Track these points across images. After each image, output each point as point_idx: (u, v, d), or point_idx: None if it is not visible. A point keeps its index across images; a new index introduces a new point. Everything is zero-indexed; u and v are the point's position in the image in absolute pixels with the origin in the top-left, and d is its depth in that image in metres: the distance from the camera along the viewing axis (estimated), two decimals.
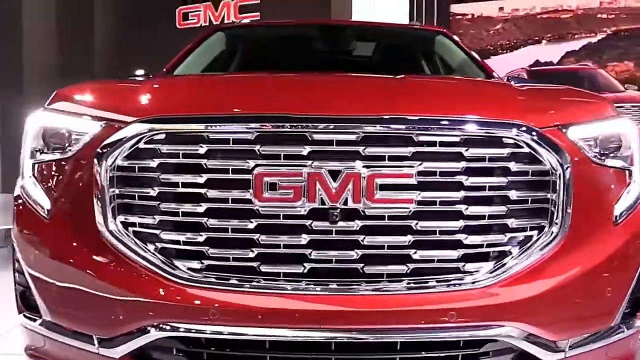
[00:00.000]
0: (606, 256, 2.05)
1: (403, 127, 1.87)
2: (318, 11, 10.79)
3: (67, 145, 2.08)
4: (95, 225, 1.95)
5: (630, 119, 2.28)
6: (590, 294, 2.03)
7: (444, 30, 4.37)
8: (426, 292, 1.88)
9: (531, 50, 9.03)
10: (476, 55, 3.92)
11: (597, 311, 2.07)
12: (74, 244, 2.02)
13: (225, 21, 12.06)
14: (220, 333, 1.87)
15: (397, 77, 2.34)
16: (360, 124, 1.85)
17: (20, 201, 2.19)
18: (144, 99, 2.11)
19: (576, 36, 8.92)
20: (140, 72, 3.62)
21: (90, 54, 12.96)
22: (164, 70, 3.66)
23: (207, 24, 12.34)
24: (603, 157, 2.10)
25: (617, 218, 2.09)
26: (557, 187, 1.94)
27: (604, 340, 2.07)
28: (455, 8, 9.27)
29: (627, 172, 2.15)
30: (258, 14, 11.89)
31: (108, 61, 12.97)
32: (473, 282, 1.89)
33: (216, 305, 1.87)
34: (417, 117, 1.88)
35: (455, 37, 4.22)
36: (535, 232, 1.96)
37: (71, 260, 2.00)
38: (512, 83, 3.15)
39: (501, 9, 9.25)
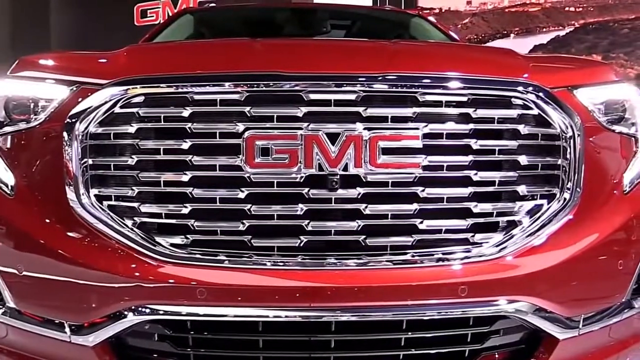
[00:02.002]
0: (617, 227, 1.94)
1: (406, 85, 1.72)
2: None
3: (32, 114, 1.88)
4: (66, 200, 1.76)
5: None
6: (602, 267, 1.92)
7: (420, 13, 4.29)
8: (434, 265, 1.73)
9: (499, 44, 9.02)
10: (456, 36, 3.82)
11: (608, 286, 1.96)
12: (42, 221, 1.82)
13: None
14: (207, 315, 1.70)
15: (392, 41, 2.19)
16: (359, 81, 1.70)
17: None
18: (119, 61, 1.92)
19: (544, 30, 8.96)
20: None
21: (46, 50, 12.66)
22: None
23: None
24: (611, 123, 1.99)
25: (627, 187, 1.99)
26: (568, 153, 1.83)
27: (616, 317, 1.96)
28: (422, 2, 9.21)
29: (633, 139, 2.05)
30: None
31: None
32: (483, 255, 1.75)
33: (202, 284, 1.69)
34: (420, 75, 1.74)
35: (432, 19, 4.13)
36: (545, 201, 1.83)
37: (39, 240, 1.80)
38: None
39: (469, 2, 9.26)
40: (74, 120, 1.75)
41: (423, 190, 1.72)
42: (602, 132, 1.94)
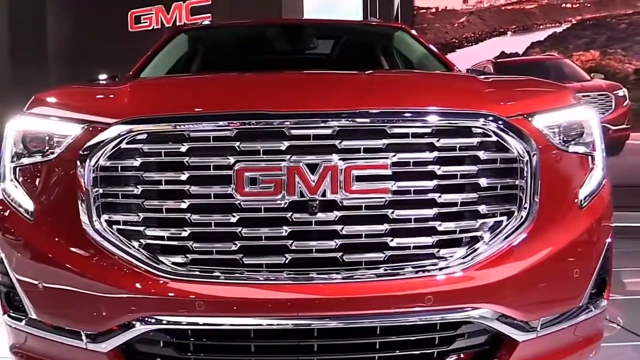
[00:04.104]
0: (573, 239, 2.15)
1: (376, 120, 1.94)
2: (269, 11, 10.92)
3: (48, 148, 2.12)
4: (80, 225, 2.00)
5: (596, 107, 2.39)
6: (559, 275, 2.13)
7: (403, 26, 4.47)
8: (403, 278, 1.96)
9: (496, 42, 9.13)
10: (436, 50, 4.01)
11: (565, 292, 2.17)
12: (60, 243, 2.07)
13: (177, 23, 12.17)
14: (206, 324, 1.94)
15: (366, 73, 2.42)
16: (335, 118, 1.92)
17: (1, 203, 2.23)
18: (124, 100, 2.16)
19: (541, 27, 9.05)
20: (103, 76, 3.65)
21: (43, 58, 12.98)
22: (130, 73, 3.70)
23: (159, 26, 12.43)
24: (567, 144, 2.20)
25: (582, 202, 2.19)
26: (525, 174, 2.03)
27: (573, 320, 2.18)
28: (419, 2, 9.34)
29: (589, 157, 2.26)
30: (209, 15, 11.97)
31: (60, 65, 12.98)
32: (447, 267, 1.98)
33: (201, 297, 1.93)
34: (389, 110, 1.96)
35: (414, 32, 4.31)
36: (505, 218, 2.04)
37: (58, 260, 2.05)
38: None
39: (465, 1, 9.34)
40: (86, 154, 1.98)
41: (393, 212, 1.95)
42: (557, 153, 2.15)
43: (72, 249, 2.04)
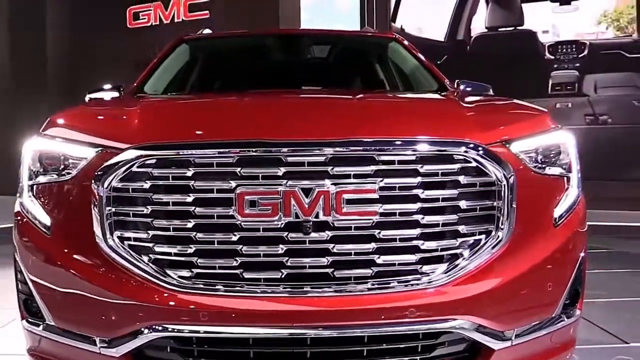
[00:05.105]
0: (547, 255, 2.34)
1: (365, 148, 2.13)
2: (266, 9, 11.07)
3: (63, 168, 2.32)
4: (94, 240, 2.19)
5: None
6: (534, 289, 2.33)
7: (396, 36, 4.62)
8: (389, 292, 2.15)
9: None
10: (427, 62, 4.18)
11: (540, 304, 2.36)
12: (75, 256, 2.26)
13: (176, 20, 12.31)
14: (209, 332, 2.14)
15: (357, 97, 2.60)
16: (327, 147, 2.11)
17: (20, 217, 2.43)
18: (134, 125, 2.35)
19: None
20: (107, 86, 3.82)
21: (42, 54, 13.21)
22: (135, 85, 3.88)
23: (158, 23, 12.63)
24: (543, 166, 2.39)
25: (557, 220, 2.38)
26: (502, 196, 2.22)
27: (546, 329, 2.37)
28: None
29: (565, 178, 2.45)
30: (207, 11, 12.15)
31: (60, 61, 13.22)
32: (429, 282, 2.17)
33: (204, 308, 2.12)
34: (377, 140, 2.15)
35: (406, 43, 4.48)
36: (483, 236, 2.23)
37: (73, 272, 2.25)
38: (462, 87, 3.47)
39: None
40: (100, 176, 2.17)
41: (380, 232, 2.14)
42: (533, 176, 2.34)
43: (86, 262, 2.24)
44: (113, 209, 2.18)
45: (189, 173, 2.12)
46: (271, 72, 4.47)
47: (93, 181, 2.18)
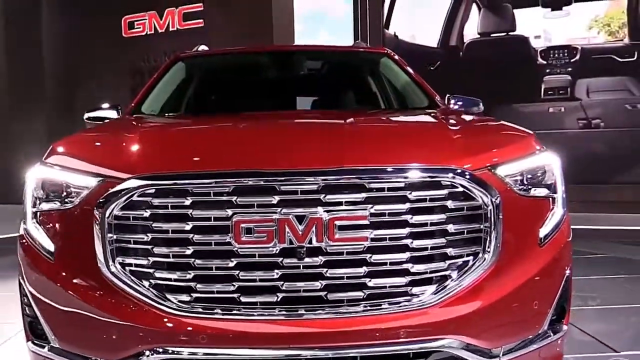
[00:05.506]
0: (533, 274, 2.42)
1: (356, 177, 2.21)
2: (260, 16, 11.17)
3: (66, 195, 2.40)
4: (96, 266, 2.28)
5: None
6: (521, 307, 2.41)
7: (387, 52, 4.72)
8: (380, 313, 2.23)
9: None
10: (417, 77, 4.28)
11: (527, 321, 2.45)
12: (78, 281, 2.35)
13: (170, 29, 12.43)
14: (208, 354, 2.22)
15: (348, 121, 2.69)
16: (320, 176, 2.19)
17: (24, 241, 2.52)
18: (134, 155, 2.44)
19: None
20: (105, 105, 3.91)
21: (38, 62, 13.28)
22: (132, 105, 3.97)
23: (153, 32, 12.72)
24: (529, 188, 2.47)
25: (542, 240, 2.47)
26: (489, 219, 2.30)
27: (533, 345, 2.45)
28: None
29: (550, 199, 2.53)
30: (202, 20, 12.24)
31: (56, 69, 13.28)
32: (419, 303, 2.25)
33: (203, 330, 2.20)
34: (367, 168, 2.24)
35: (397, 57, 4.57)
36: (471, 258, 2.32)
37: (77, 296, 2.33)
38: (452, 102, 3.56)
39: None
40: (102, 204, 2.26)
41: (371, 257, 2.22)
42: (519, 198, 2.42)
43: (89, 286, 2.32)
44: (115, 236, 2.26)
45: (187, 202, 2.21)
46: (266, 89, 4.56)
47: (95, 209, 2.27)
